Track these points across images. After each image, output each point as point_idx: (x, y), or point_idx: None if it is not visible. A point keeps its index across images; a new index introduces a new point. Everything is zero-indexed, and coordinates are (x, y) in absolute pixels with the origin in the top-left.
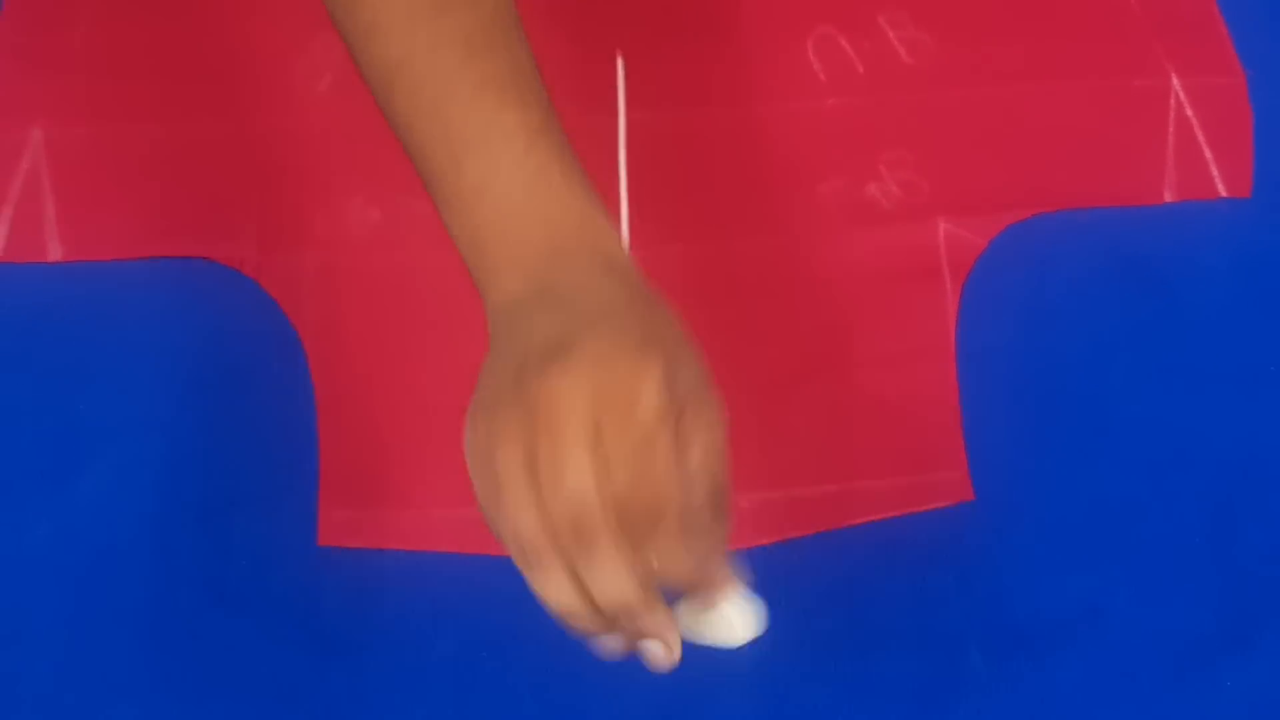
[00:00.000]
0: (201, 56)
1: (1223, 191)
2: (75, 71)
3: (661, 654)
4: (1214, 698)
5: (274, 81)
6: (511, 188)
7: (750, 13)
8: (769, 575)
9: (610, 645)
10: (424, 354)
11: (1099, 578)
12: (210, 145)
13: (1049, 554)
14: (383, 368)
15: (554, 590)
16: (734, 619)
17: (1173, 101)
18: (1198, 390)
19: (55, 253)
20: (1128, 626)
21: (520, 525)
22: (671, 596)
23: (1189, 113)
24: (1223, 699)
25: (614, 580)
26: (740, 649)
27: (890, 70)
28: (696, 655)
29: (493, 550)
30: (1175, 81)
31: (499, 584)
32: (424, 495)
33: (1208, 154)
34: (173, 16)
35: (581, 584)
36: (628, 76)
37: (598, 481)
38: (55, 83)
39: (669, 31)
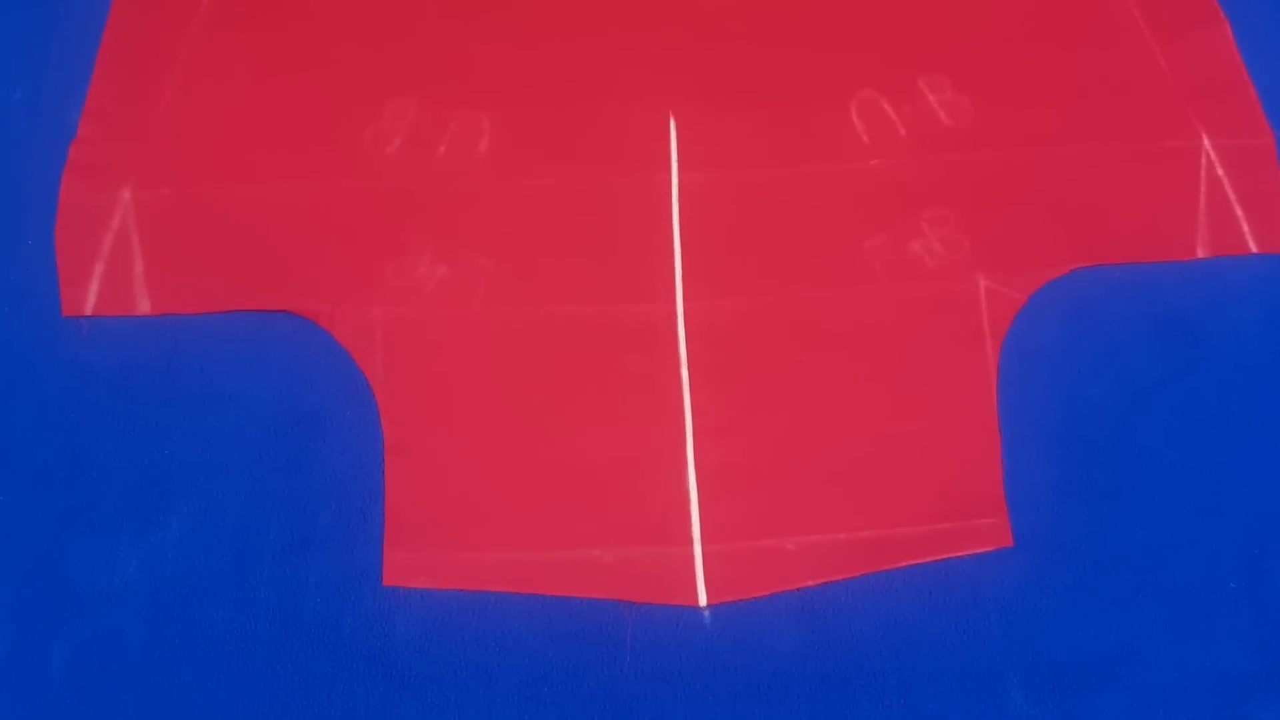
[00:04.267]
0: (279, 122)
1: (1253, 247)
2: (161, 137)
3: None
4: None
5: (347, 145)
6: None
7: (795, 77)
8: (817, 615)
9: None
10: (487, 404)
11: (1136, 620)
12: (287, 205)
13: (1088, 597)
14: (448, 416)
15: None
16: None
17: (1204, 161)
18: (1231, 438)
19: (144, 306)
20: (1164, 666)
21: None
22: None
23: (1220, 172)
24: None
25: None
26: None
27: (931, 132)
28: (747, 692)
29: (546, 590)
30: (1206, 142)
31: (559, 622)
32: (483, 538)
33: (1238, 211)
34: (252, 85)
35: None
36: (680, 138)
37: None
38: (142, 148)
39: (719, 96)
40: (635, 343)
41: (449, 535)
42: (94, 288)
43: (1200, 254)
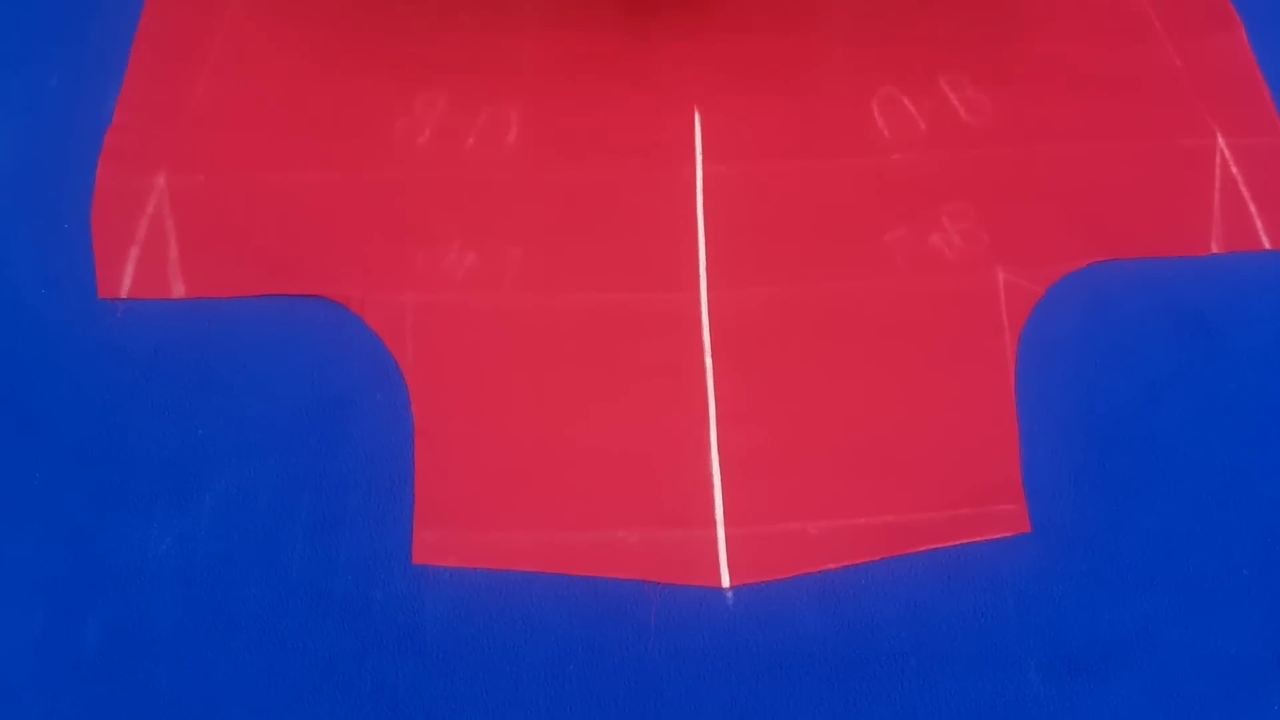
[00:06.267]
0: (313, 113)
1: (1266, 243)
2: (196, 125)
3: None
4: (1261, 718)
5: (378, 136)
6: None
7: (818, 74)
8: (838, 597)
9: None
10: (514, 387)
11: (1151, 605)
12: (320, 193)
13: (1104, 582)
14: (476, 399)
15: None
16: None
17: (1218, 160)
18: (1243, 427)
19: (178, 290)
20: (1178, 650)
21: None
22: None
23: (1234, 170)
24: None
25: None
26: None
27: (951, 128)
28: (768, 671)
29: (573, 570)
30: (1220, 141)
31: (584, 601)
32: (511, 518)
33: (1252, 208)
34: (286, 76)
35: None
36: (704, 132)
37: None
38: (178, 135)
39: (743, 91)
40: (660, 330)
41: (477, 516)
42: (129, 271)
43: (1214, 249)
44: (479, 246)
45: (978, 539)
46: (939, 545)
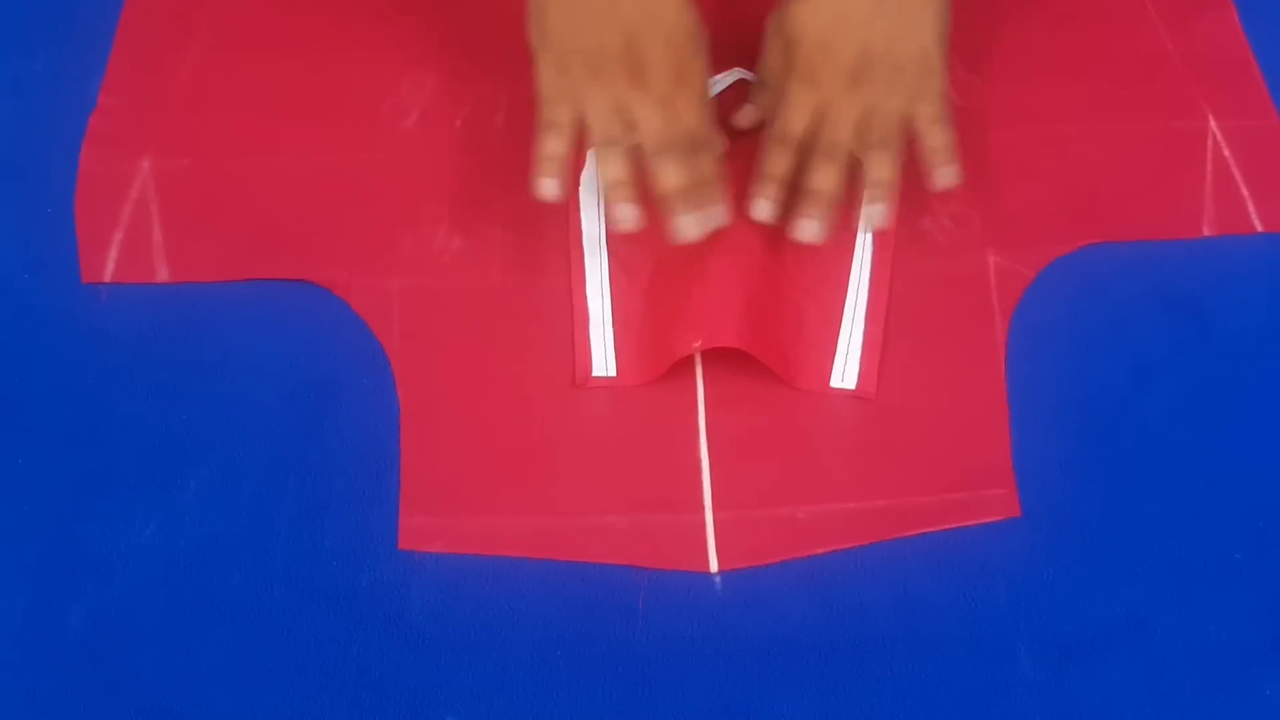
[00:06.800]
0: (299, 96)
1: (1258, 226)
2: (181, 108)
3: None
4: (1253, 704)
5: (364, 119)
6: None
7: None
8: (827, 582)
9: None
10: (500, 372)
11: (1142, 589)
12: (305, 177)
13: (1094, 567)
14: (462, 384)
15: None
16: None
17: (1210, 142)
18: (1234, 411)
19: (162, 274)
20: (1170, 635)
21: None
22: None
23: (1226, 153)
24: (1262, 706)
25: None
26: None
27: None
28: (756, 657)
29: (560, 556)
30: (1212, 123)
31: (572, 587)
32: (497, 504)
33: (1244, 191)
34: (272, 60)
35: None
36: None
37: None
38: (163, 118)
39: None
40: None
41: (463, 501)
42: (113, 255)
43: (1206, 232)
44: (466, 230)
45: (968, 523)
46: (928, 530)
